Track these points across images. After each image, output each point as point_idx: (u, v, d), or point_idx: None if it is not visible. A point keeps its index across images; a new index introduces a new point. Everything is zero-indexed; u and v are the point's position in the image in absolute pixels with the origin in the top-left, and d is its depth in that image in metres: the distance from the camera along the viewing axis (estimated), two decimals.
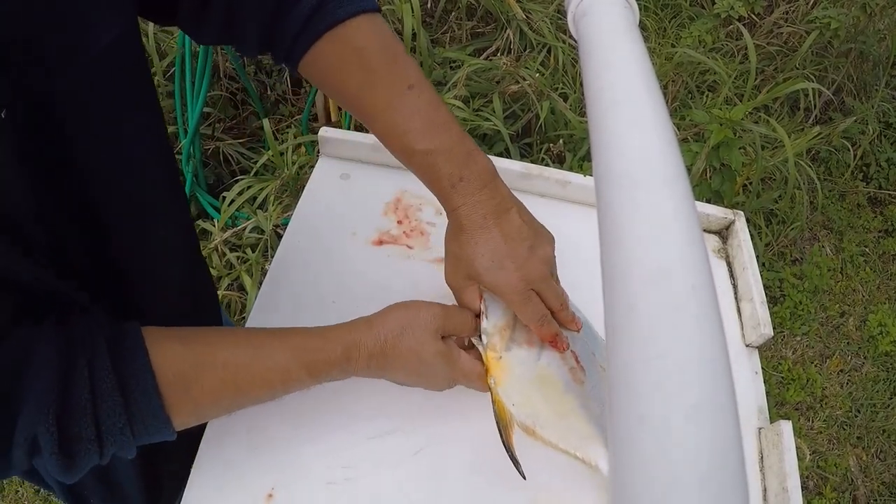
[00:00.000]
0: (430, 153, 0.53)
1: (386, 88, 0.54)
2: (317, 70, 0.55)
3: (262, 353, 0.52)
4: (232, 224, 1.71)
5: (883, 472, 1.82)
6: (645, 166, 0.25)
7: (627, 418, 0.20)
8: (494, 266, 0.54)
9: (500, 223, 0.55)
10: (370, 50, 0.54)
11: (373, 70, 0.54)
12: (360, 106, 0.55)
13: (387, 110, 0.54)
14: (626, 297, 0.22)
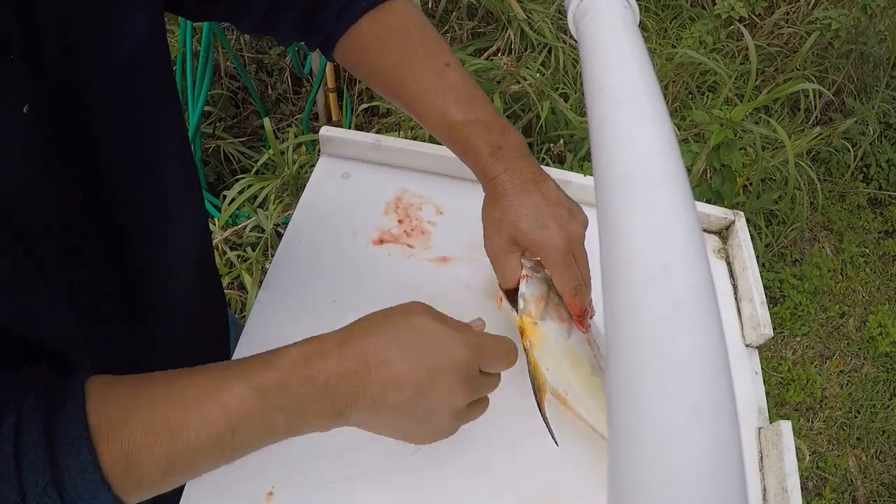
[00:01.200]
0: (469, 124, 0.55)
1: (423, 66, 0.56)
2: (354, 51, 0.57)
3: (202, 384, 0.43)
4: (232, 223, 1.71)
5: (882, 472, 1.82)
6: (645, 166, 0.25)
7: (627, 417, 0.20)
8: (539, 225, 0.55)
9: (541, 188, 0.56)
10: (407, 30, 0.56)
11: (410, 48, 0.56)
12: (397, 83, 0.57)
13: (425, 86, 0.55)
14: (625, 296, 0.22)
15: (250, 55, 2.09)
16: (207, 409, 0.41)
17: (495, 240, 0.59)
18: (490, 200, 0.59)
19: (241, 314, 1.60)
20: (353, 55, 0.58)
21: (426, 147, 0.84)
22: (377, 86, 0.60)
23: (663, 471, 0.19)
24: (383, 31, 0.56)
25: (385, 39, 0.56)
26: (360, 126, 2.02)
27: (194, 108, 1.72)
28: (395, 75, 0.56)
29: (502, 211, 0.57)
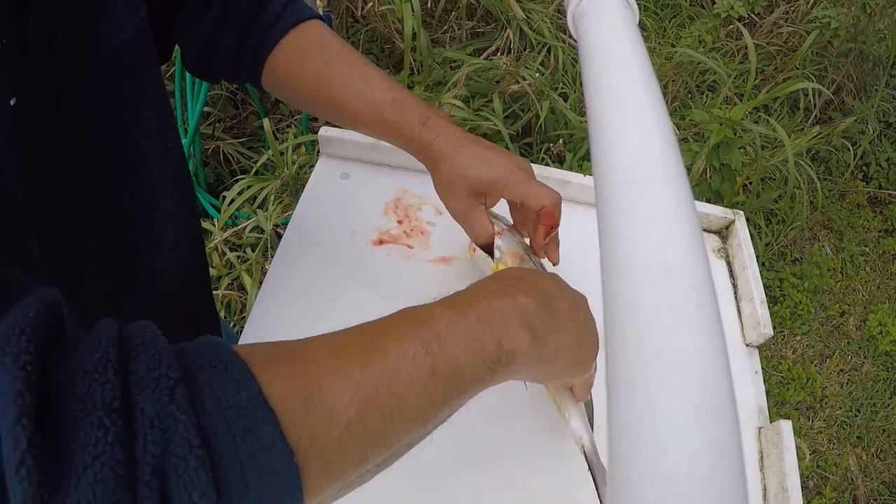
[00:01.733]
0: (396, 101, 0.59)
1: (346, 65, 0.60)
2: (281, 64, 0.61)
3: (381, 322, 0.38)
4: (232, 223, 1.71)
5: (883, 471, 1.82)
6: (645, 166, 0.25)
7: (627, 417, 0.20)
8: (487, 164, 0.59)
9: (476, 140, 0.60)
10: (327, 40, 0.62)
11: (333, 54, 0.61)
12: (324, 84, 0.60)
13: (351, 80, 0.60)
14: (625, 295, 0.22)
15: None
16: (403, 323, 0.37)
17: (454, 202, 0.61)
18: (435, 171, 0.61)
19: (241, 315, 1.60)
20: (280, 67, 0.61)
21: None
22: (303, 93, 0.63)
23: (663, 471, 0.19)
24: (307, 42, 0.61)
25: (309, 48, 0.61)
26: None
27: (193, 108, 1.72)
28: (321, 78, 0.60)
29: (449, 171, 0.59)
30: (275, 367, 0.31)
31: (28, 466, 0.24)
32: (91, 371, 0.26)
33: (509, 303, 0.41)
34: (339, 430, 0.31)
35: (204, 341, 0.31)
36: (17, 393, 0.24)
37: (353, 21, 2.08)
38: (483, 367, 0.38)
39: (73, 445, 0.25)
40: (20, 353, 0.25)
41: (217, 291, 1.58)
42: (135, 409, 0.27)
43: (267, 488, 0.28)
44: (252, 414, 0.28)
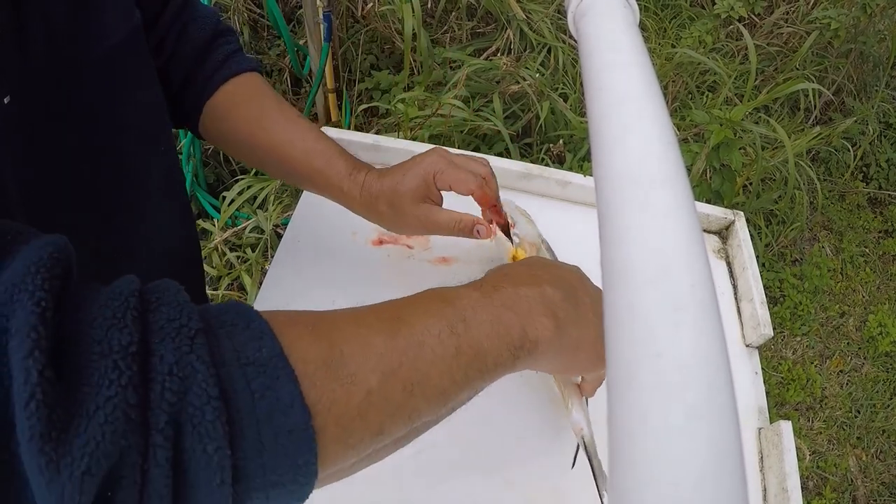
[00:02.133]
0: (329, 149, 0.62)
1: (281, 114, 0.63)
2: (219, 107, 0.63)
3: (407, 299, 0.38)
4: (232, 224, 1.71)
5: (883, 472, 1.82)
6: (645, 166, 0.25)
7: (627, 417, 0.20)
8: (409, 171, 0.60)
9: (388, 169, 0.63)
10: (262, 90, 0.65)
11: (268, 103, 0.63)
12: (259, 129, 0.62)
13: (285, 128, 0.62)
14: (625, 296, 0.22)
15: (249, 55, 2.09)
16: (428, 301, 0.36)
17: (409, 219, 0.61)
18: (375, 213, 0.62)
19: None
20: (218, 112, 0.63)
21: (425, 148, 0.84)
22: (239, 139, 0.64)
23: (663, 471, 0.18)
24: (245, 91, 0.64)
25: (247, 97, 0.63)
26: (359, 127, 2.02)
27: None
28: (257, 125, 0.62)
29: (388, 203, 0.60)
30: (297, 329, 0.30)
31: (37, 401, 0.23)
32: (110, 317, 0.26)
33: (536, 291, 0.41)
34: (360, 397, 0.30)
35: (224, 304, 0.31)
36: (30, 327, 0.24)
37: (353, 21, 2.08)
38: (506, 352, 0.38)
39: (87, 387, 0.24)
40: (35, 290, 0.24)
41: (217, 292, 1.58)
42: (153, 357, 0.26)
43: (282, 449, 0.27)
44: (272, 372, 0.28)
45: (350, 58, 2.07)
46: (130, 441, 0.25)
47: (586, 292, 0.46)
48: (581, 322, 0.43)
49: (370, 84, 2.00)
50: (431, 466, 0.61)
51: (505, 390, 0.65)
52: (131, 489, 0.25)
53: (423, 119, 1.70)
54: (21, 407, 0.23)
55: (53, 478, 0.23)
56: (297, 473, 0.28)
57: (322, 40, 1.77)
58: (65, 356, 0.25)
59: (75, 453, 0.23)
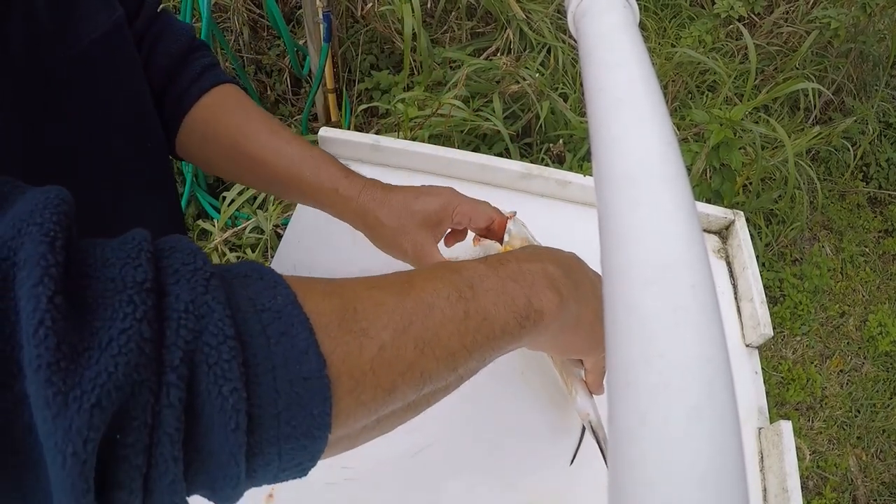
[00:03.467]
0: (318, 155, 0.60)
1: (264, 124, 0.61)
2: (198, 121, 0.61)
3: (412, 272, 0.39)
4: (232, 224, 1.71)
5: (883, 472, 1.82)
6: (645, 166, 0.25)
7: (627, 417, 0.20)
8: (427, 196, 0.60)
9: (400, 186, 0.61)
10: (245, 100, 0.63)
11: (251, 111, 0.62)
12: (242, 139, 0.60)
13: (270, 138, 0.60)
14: (626, 296, 0.22)
15: (249, 56, 2.09)
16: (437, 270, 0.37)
17: (406, 242, 0.60)
18: (370, 222, 0.60)
19: None
20: (198, 126, 0.61)
21: (425, 148, 0.84)
22: (220, 152, 0.62)
23: (664, 471, 0.18)
24: (225, 102, 0.62)
25: (227, 108, 0.62)
26: (359, 127, 2.02)
27: None
28: (240, 134, 0.60)
29: (391, 216, 0.59)
30: (310, 284, 0.31)
31: (46, 328, 0.22)
32: (124, 257, 0.25)
33: (538, 266, 0.42)
34: (372, 352, 0.30)
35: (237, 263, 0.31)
36: (40, 255, 0.22)
37: (353, 21, 2.08)
38: (513, 320, 0.38)
39: (100, 321, 0.23)
40: (44, 221, 0.24)
41: None
42: (168, 297, 0.25)
43: (297, 397, 0.27)
44: (287, 318, 0.28)
45: (350, 58, 2.07)
46: (143, 376, 0.23)
47: (585, 274, 0.47)
48: (581, 299, 0.44)
49: (370, 84, 2.00)
50: (431, 467, 0.61)
51: (505, 391, 0.65)
52: (141, 431, 0.24)
53: (423, 119, 1.70)
54: (29, 335, 0.22)
55: (60, 411, 0.22)
56: (311, 425, 0.28)
57: (322, 40, 1.77)
58: (76, 292, 0.24)
59: (85, 385, 0.22)
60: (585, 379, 0.58)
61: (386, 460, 0.61)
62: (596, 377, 0.56)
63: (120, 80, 0.51)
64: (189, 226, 1.83)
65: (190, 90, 0.61)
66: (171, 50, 0.60)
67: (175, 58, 0.60)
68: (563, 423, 0.64)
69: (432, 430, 0.63)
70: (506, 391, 0.66)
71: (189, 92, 0.61)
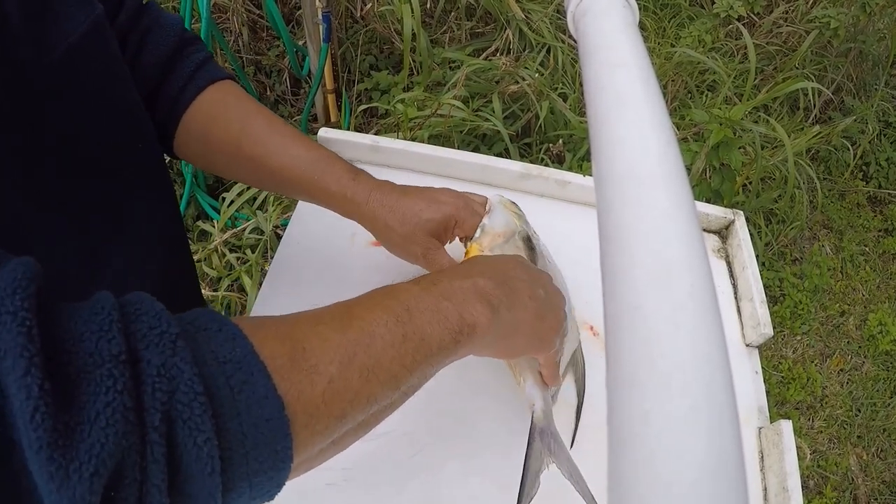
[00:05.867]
0: (323, 158, 0.60)
1: (267, 122, 0.60)
2: (199, 118, 0.60)
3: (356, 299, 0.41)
4: (231, 225, 1.71)
5: (883, 470, 1.82)
6: (644, 166, 0.25)
7: (627, 417, 0.20)
8: (436, 204, 0.61)
9: (412, 187, 0.62)
10: (244, 97, 0.62)
11: (252, 109, 0.61)
12: (245, 138, 0.59)
13: (273, 137, 0.60)
14: (625, 296, 0.22)
15: (248, 57, 2.09)
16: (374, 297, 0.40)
17: (414, 248, 0.61)
18: (380, 226, 0.61)
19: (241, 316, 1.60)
20: (196, 125, 0.60)
21: (424, 148, 0.84)
22: (223, 151, 0.61)
23: (664, 471, 0.18)
24: (224, 100, 0.61)
25: (227, 106, 0.61)
26: (358, 127, 2.02)
27: None
28: (242, 134, 0.59)
29: (401, 221, 0.60)
30: (262, 331, 0.33)
31: (42, 413, 0.24)
32: (97, 330, 0.28)
33: (469, 283, 0.45)
34: (322, 386, 0.33)
35: (194, 311, 0.33)
36: (21, 347, 0.25)
37: (353, 21, 2.08)
38: (447, 336, 0.41)
39: (84, 395, 0.26)
40: (17, 310, 0.26)
41: (217, 293, 1.58)
42: (141, 363, 0.28)
43: (261, 437, 0.30)
44: (247, 368, 0.31)
45: (349, 58, 2.07)
46: (130, 441, 0.27)
47: (521, 278, 0.49)
48: (516, 305, 0.47)
49: (369, 84, 2.00)
50: (430, 467, 0.61)
51: (500, 390, 0.65)
52: (133, 486, 0.27)
53: (423, 119, 1.70)
54: (26, 421, 0.24)
55: (63, 483, 0.25)
56: (275, 459, 0.31)
57: (321, 41, 1.77)
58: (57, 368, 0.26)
59: (83, 457, 0.25)
60: (541, 371, 0.58)
61: (385, 461, 0.61)
62: (550, 370, 0.57)
63: (103, 81, 0.49)
64: (189, 227, 1.83)
65: (185, 90, 0.59)
66: (160, 47, 0.58)
67: (166, 55, 0.58)
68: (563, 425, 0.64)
69: (431, 432, 0.63)
70: (501, 390, 0.66)
71: (185, 92, 0.59)
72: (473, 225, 0.62)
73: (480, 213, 0.64)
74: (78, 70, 0.45)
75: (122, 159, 0.52)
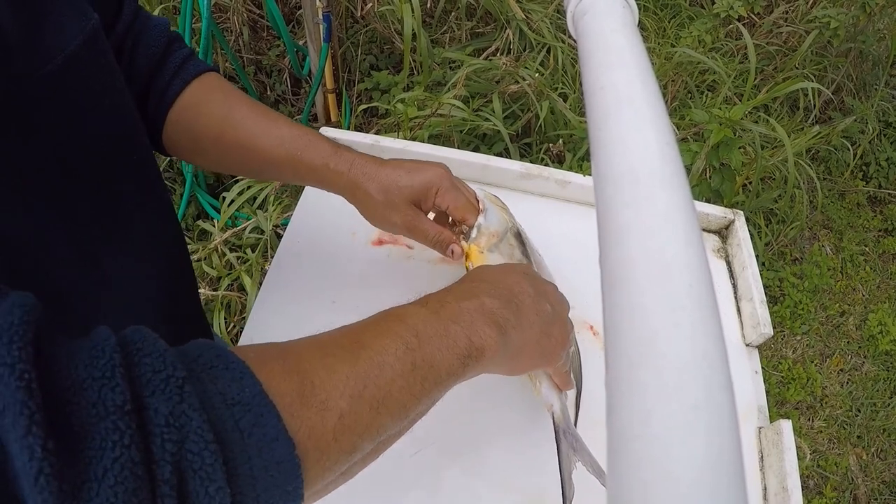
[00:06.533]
0: (304, 135, 0.60)
1: (249, 108, 0.61)
2: (185, 112, 0.61)
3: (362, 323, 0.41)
4: (232, 224, 1.71)
5: (883, 471, 1.82)
6: (644, 166, 0.25)
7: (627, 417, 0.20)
8: (416, 172, 0.60)
9: (393, 159, 0.62)
10: (227, 86, 0.63)
11: (235, 96, 0.62)
12: (229, 126, 0.60)
13: (256, 121, 0.61)
14: (625, 296, 0.22)
15: (249, 56, 2.09)
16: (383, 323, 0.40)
17: (396, 216, 0.61)
18: (361, 196, 0.61)
19: (241, 315, 1.61)
20: (183, 116, 0.61)
21: (424, 148, 0.84)
22: (208, 139, 0.62)
23: (663, 470, 0.19)
24: (208, 90, 0.62)
25: (211, 96, 0.62)
26: (359, 127, 2.02)
27: None
28: (226, 122, 0.61)
29: (379, 189, 0.60)
30: (269, 365, 0.32)
31: (46, 475, 0.23)
32: (99, 377, 0.27)
33: (476, 304, 0.45)
34: (333, 422, 0.33)
35: (197, 344, 0.32)
36: (21, 404, 0.24)
37: (353, 21, 2.08)
38: (456, 361, 0.41)
39: (90, 451, 0.25)
40: (15, 362, 0.24)
41: (217, 292, 1.58)
42: (148, 411, 0.27)
43: (272, 479, 0.30)
44: (256, 409, 0.30)
45: (350, 58, 2.07)
46: (140, 497, 0.26)
47: (527, 293, 0.49)
48: (522, 325, 0.47)
49: (370, 84, 2.00)
50: (430, 467, 0.61)
51: (506, 393, 0.65)
52: None
53: (423, 119, 1.70)
54: (31, 484, 0.23)
55: None
56: (286, 499, 0.31)
57: (322, 41, 1.77)
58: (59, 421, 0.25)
59: None
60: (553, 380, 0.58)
61: (384, 461, 0.61)
62: (560, 378, 0.57)
63: (100, 92, 0.48)
64: (189, 226, 1.83)
65: (172, 84, 0.60)
66: (151, 49, 0.59)
67: (156, 56, 0.60)
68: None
69: (431, 431, 0.63)
70: (506, 393, 0.66)
71: (171, 86, 0.60)
72: (456, 197, 0.62)
73: (460, 189, 0.63)
74: (74, 81, 0.44)
75: (117, 169, 0.52)
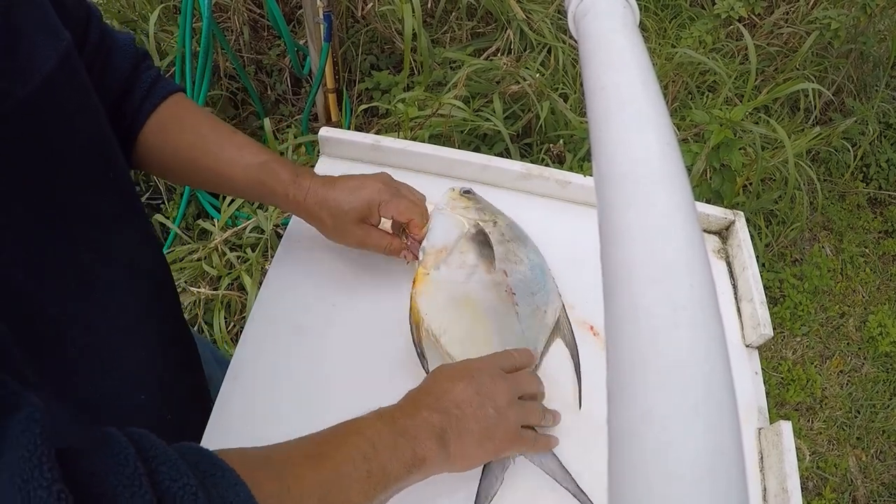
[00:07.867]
0: (266, 163, 0.65)
1: (217, 134, 0.65)
2: (155, 134, 0.64)
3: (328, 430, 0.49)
4: (232, 224, 1.71)
5: (883, 472, 1.82)
6: (645, 166, 0.25)
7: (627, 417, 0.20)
8: (356, 192, 0.65)
9: (342, 177, 0.67)
10: (195, 110, 0.67)
11: (203, 122, 0.66)
12: (198, 152, 0.64)
13: (223, 148, 0.65)
14: (626, 296, 0.22)
15: (249, 56, 2.09)
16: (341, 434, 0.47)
17: (348, 237, 0.67)
18: (318, 221, 0.66)
19: (241, 315, 1.60)
20: (152, 139, 0.64)
21: (425, 148, 0.84)
22: (177, 164, 0.65)
23: (664, 471, 0.19)
24: (177, 115, 0.65)
25: (180, 121, 0.65)
26: (359, 127, 2.02)
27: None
28: (194, 148, 0.64)
29: (329, 214, 0.65)
30: (255, 473, 0.39)
31: None
32: (129, 485, 0.32)
33: (420, 419, 0.52)
34: None
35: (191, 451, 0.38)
36: None
37: (354, 21, 2.08)
38: (403, 469, 0.48)
39: None
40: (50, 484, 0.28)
41: (217, 291, 1.58)
42: None
43: None
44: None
45: (350, 58, 2.07)
46: None
47: (468, 403, 0.54)
48: (462, 435, 0.53)
49: (370, 84, 2.00)
50: None
51: None
52: None
53: (424, 119, 1.70)
54: None
55: None
56: None
57: (322, 40, 1.77)
58: None
59: None
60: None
61: None
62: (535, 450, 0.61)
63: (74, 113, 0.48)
64: (189, 225, 1.83)
65: (143, 107, 0.63)
66: (120, 68, 0.61)
67: (125, 74, 0.62)
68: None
69: None
70: None
71: (142, 108, 0.63)
72: (397, 205, 0.66)
73: (404, 194, 0.67)
74: (51, 102, 0.44)
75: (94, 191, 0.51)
